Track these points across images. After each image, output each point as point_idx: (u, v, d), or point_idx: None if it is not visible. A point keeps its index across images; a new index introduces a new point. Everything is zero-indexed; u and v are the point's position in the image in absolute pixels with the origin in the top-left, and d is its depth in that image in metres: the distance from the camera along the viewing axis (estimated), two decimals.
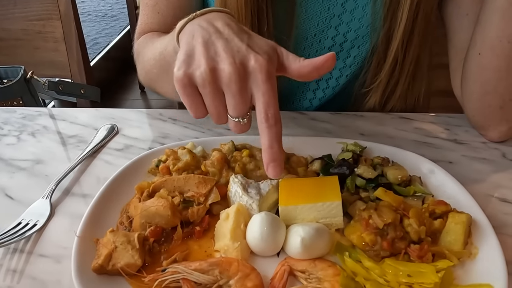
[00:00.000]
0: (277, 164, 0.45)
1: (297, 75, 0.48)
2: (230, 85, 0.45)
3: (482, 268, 0.48)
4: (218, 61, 0.45)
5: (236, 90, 0.45)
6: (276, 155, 0.45)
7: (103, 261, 0.48)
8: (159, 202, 0.53)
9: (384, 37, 0.74)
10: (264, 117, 0.45)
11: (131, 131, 0.78)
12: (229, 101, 0.46)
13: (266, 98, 0.44)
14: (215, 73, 0.45)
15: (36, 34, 1.37)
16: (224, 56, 0.45)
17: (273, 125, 0.45)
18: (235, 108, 0.46)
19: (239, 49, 0.46)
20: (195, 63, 0.46)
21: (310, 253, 0.50)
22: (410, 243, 0.50)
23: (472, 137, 0.77)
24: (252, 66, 0.45)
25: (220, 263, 0.48)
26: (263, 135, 0.45)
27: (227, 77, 0.44)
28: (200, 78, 0.45)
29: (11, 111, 0.85)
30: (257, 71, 0.44)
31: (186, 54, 0.47)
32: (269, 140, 0.45)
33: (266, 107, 0.44)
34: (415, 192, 0.58)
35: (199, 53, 0.46)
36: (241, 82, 0.45)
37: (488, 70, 0.68)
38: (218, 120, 0.48)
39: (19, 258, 0.53)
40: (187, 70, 0.46)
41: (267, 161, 0.45)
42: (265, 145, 0.45)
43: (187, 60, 0.46)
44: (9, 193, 0.64)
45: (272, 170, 0.45)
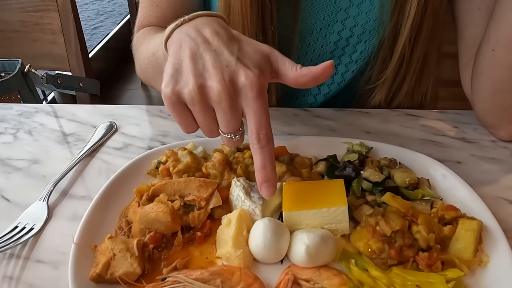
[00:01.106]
0: (271, 184, 0.45)
1: (294, 83, 0.47)
2: (220, 103, 0.43)
3: (493, 277, 0.47)
4: (207, 78, 0.43)
5: (226, 108, 0.43)
6: (270, 175, 0.44)
7: (101, 270, 0.46)
8: (159, 208, 0.51)
9: (391, 32, 0.72)
10: (256, 138, 0.43)
11: (130, 129, 0.76)
12: (220, 118, 0.45)
13: (257, 118, 0.43)
14: (203, 91, 0.43)
15: (34, 26, 1.34)
16: (213, 73, 0.43)
17: (266, 145, 0.44)
18: (226, 125, 0.45)
19: (229, 63, 0.44)
20: (183, 80, 0.44)
21: (315, 261, 0.48)
22: (419, 251, 0.48)
23: (481, 136, 0.75)
24: (242, 83, 0.43)
25: (222, 272, 0.47)
26: (255, 156, 0.44)
27: (217, 95, 0.43)
28: (188, 96, 0.43)
29: (8, 107, 0.83)
30: (248, 88, 0.43)
31: (173, 68, 0.45)
32: (262, 160, 0.44)
33: (258, 127, 0.43)
34: (423, 195, 0.56)
35: (187, 69, 0.44)
36: (231, 100, 0.43)
37: (501, 68, 0.65)
38: (210, 134, 0.47)
39: (16, 264, 0.52)
40: (174, 88, 0.44)
41: (260, 182, 0.45)
42: (258, 166, 0.44)
43: (175, 75, 0.45)
44: (5, 195, 0.62)
45: (266, 190, 0.45)
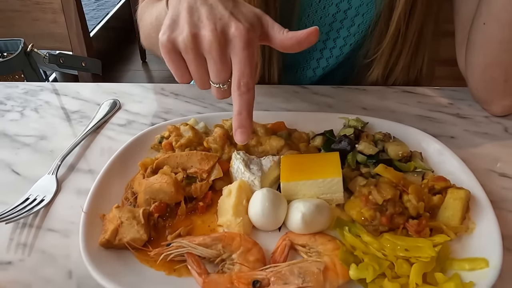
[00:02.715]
0: (245, 131, 0.47)
1: (280, 47, 0.49)
2: (211, 51, 0.46)
3: (479, 243, 0.49)
4: (200, 28, 0.46)
5: (216, 56, 0.46)
6: (244, 122, 0.47)
7: (110, 236, 0.49)
8: (163, 179, 0.54)
9: (387, 6, 0.73)
10: (237, 85, 0.46)
11: (133, 106, 0.78)
12: (211, 67, 0.47)
13: (241, 67, 0.46)
14: (196, 39, 0.46)
15: (34, 5, 1.34)
16: (206, 23, 0.46)
17: (245, 92, 0.46)
18: (216, 74, 0.47)
19: (222, 16, 0.46)
20: (179, 29, 0.47)
21: (311, 228, 0.51)
22: (409, 218, 0.51)
23: (475, 111, 0.76)
24: (232, 33, 0.45)
25: (223, 238, 0.50)
26: (234, 102, 0.47)
27: (208, 44, 0.45)
28: (182, 43, 0.46)
29: (13, 86, 0.85)
30: (237, 39, 0.45)
31: (171, 19, 0.48)
32: (239, 107, 0.47)
33: (240, 75, 0.46)
34: (415, 167, 0.58)
35: (183, 19, 0.47)
36: (221, 50, 0.46)
37: (493, 41, 0.67)
38: (201, 85, 0.50)
39: (29, 232, 0.55)
40: (170, 35, 0.47)
41: (235, 127, 0.47)
42: (235, 111, 0.47)
43: (172, 25, 0.47)
44: (15, 169, 0.65)
45: (240, 135, 0.47)
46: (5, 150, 0.68)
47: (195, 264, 0.47)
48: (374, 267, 0.45)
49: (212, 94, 0.51)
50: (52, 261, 0.51)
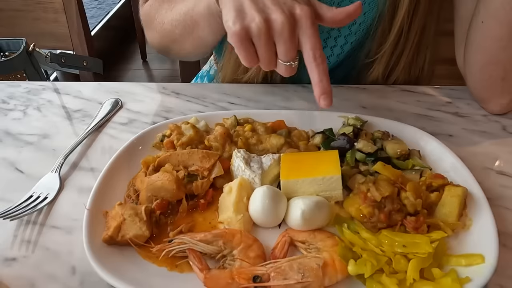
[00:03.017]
0: (327, 96, 0.50)
1: (331, 22, 0.53)
2: (283, 33, 0.49)
3: (475, 239, 0.50)
4: (269, 13, 0.50)
5: (287, 37, 0.50)
6: (326, 88, 0.50)
7: (113, 233, 0.50)
8: (165, 177, 0.55)
9: (391, 5, 0.73)
10: (313, 57, 0.50)
11: (135, 105, 0.79)
12: (281, 48, 0.51)
13: (313, 41, 0.50)
14: (268, 24, 0.49)
15: (36, 5, 1.35)
16: (274, 8, 0.50)
17: (321, 63, 0.50)
18: (286, 53, 0.51)
19: (285, 1, 0.51)
20: (248, 17, 0.50)
21: (310, 225, 0.52)
22: (407, 215, 0.51)
23: (473, 110, 0.77)
24: (298, 14, 0.50)
25: (224, 234, 0.50)
26: (312, 73, 0.50)
27: (280, 26, 0.49)
28: (256, 29, 0.49)
29: (16, 85, 0.86)
30: (303, 18, 0.50)
31: (235, 10, 0.51)
32: (319, 76, 0.50)
33: (313, 48, 0.50)
34: (413, 165, 0.59)
35: (249, 7, 0.50)
36: (292, 30, 0.50)
37: (490, 39, 0.67)
38: (268, 66, 0.53)
39: (32, 229, 0.56)
40: (243, 24, 0.50)
41: (318, 94, 0.50)
42: (315, 80, 0.50)
43: (240, 15, 0.51)
44: (18, 167, 0.66)
45: (324, 101, 0.50)
46: (9, 149, 0.69)
47: (197, 260, 0.48)
48: (372, 263, 0.46)
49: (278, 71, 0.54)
50: (55, 257, 0.52)
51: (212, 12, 0.63)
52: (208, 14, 0.64)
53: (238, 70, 0.78)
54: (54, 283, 0.49)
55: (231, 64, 0.78)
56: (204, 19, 0.66)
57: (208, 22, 0.66)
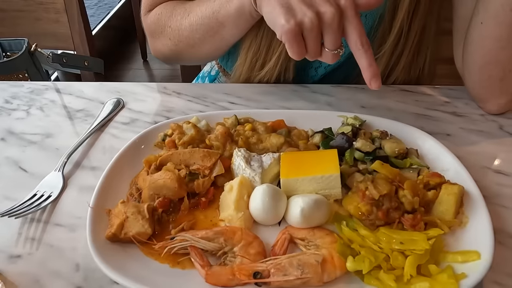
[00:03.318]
0: (378, 78, 0.54)
1: (366, 7, 0.56)
2: (332, 24, 0.53)
3: (471, 236, 0.51)
4: (318, 6, 0.53)
5: (336, 27, 0.53)
6: (375, 71, 0.53)
7: (116, 230, 0.51)
8: (166, 175, 0.56)
9: (391, 7, 0.74)
10: (360, 44, 0.53)
11: (136, 104, 0.80)
12: (329, 38, 0.54)
13: (358, 29, 0.53)
14: (319, 16, 0.53)
15: (37, 5, 1.36)
16: (321, 2, 0.53)
17: (368, 49, 0.53)
18: (334, 42, 0.55)
19: None
20: (299, 13, 0.53)
21: (309, 222, 0.53)
22: (404, 213, 0.52)
23: (471, 110, 0.78)
24: (343, 5, 0.53)
25: (225, 231, 0.51)
26: (361, 59, 0.54)
27: (330, 18, 0.53)
28: (309, 23, 0.53)
29: (19, 85, 0.87)
30: (348, 8, 0.53)
31: (283, 8, 0.54)
32: (368, 60, 0.53)
33: (360, 36, 0.53)
34: (411, 164, 0.60)
35: (297, 4, 0.53)
36: (340, 20, 0.53)
37: (489, 39, 0.68)
38: (314, 56, 0.56)
39: (37, 227, 0.57)
40: (296, 20, 0.53)
41: (369, 77, 0.54)
42: (365, 65, 0.54)
43: (289, 12, 0.53)
44: (22, 166, 0.67)
45: (375, 83, 0.54)
46: (13, 148, 0.70)
47: (198, 257, 0.49)
48: (370, 260, 0.47)
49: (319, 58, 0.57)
50: (59, 254, 0.53)
51: (244, 12, 0.65)
52: (238, 15, 0.66)
53: (254, 69, 0.80)
54: (58, 279, 0.50)
55: (247, 63, 0.79)
56: (232, 19, 0.68)
57: (236, 22, 0.68)
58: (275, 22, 0.55)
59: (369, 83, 0.54)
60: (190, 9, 0.74)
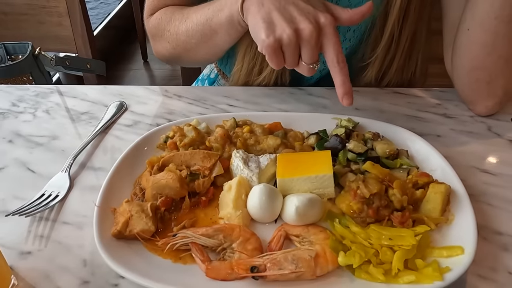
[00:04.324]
0: (350, 96, 0.57)
1: (348, 22, 0.59)
2: (310, 40, 0.55)
3: (456, 233, 0.54)
4: (297, 23, 0.55)
5: (313, 43, 0.56)
6: (348, 89, 0.56)
7: (121, 228, 0.54)
8: (169, 175, 0.58)
9: (382, 13, 0.77)
10: (336, 61, 0.56)
11: (139, 107, 0.83)
12: (307, 52, 0.56)
13: (336, 48, 0.56)
14: (298, 33, 0.55)
15: (41, 9, 1.38)
16: (301, 19, 0.55)
17: (343, 67, 0.56)
18: (311, 58, 0.57)
19: (308, 10, 0.56)
20: (279, 28, 0.55)
21: (304, 220, 0.55)
22: (393, 211, 0.55)
23: (461, 111, 0.81)
24: (323, 22, 0.56)
25: (224, 229, 0.54)
26: (336, 76, 0.57)
27: (308, 35, 0.55)
28: (287, 39, 0.55)
29: (25, 88, 0.89)
30: (327, 26, 0.56)
31: (264, 22, 0.56)
32: (342, 78, 0.56)
33: (337, 54, 0.56)
34: (401, 164, 0.63)
35: (278, 19, 0.56)
36: (317, 37, 0.56)
37: (476, 45, 0.71)
38: (292, 66, 0.60)
39: (45, 225, 0.60)
40: (275, 36, 0.55)
41: (341, 94, 0.57)
42: (339, 83, 0.57)
43: (270, 27, 0.56)
44: (30, 167, 0.70)
45: (346, 100, 0.57)
46: (20, 150, 0.73)
47: (199, 253, 0.52)
48: (360, 254, 0.50)
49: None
50: (67, 251, 0.56)
51: (233, 21, 0.67)
52: (229, 24, 0.68)
53: (252, 74, 0.82)
54: (66, 274, 0.53)
55: (244, 69, 0.82)
56: (223, 28, 0.70)
57: (227, 31, 0.70)
58: (257, 36, 0.57)
59: (341, 100, 0.57)
60: (187, 15, 0.76)
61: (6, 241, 0.57)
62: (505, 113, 0.80)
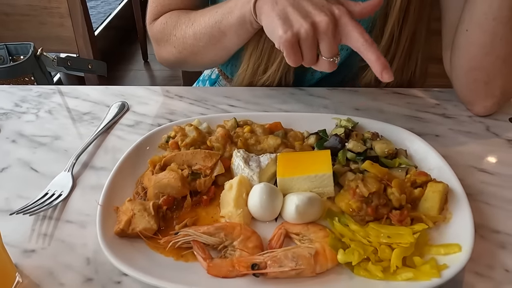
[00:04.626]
0: (389, 70, 0.56)
1: (359, 15, 0.59)
2: (327, 32, 0.56)
3: (454, 231, 0.55)
4: (313, 17, 0.56)
5: (331, 35, 0.56)
6: (385, 63, 0.56)
7: (124, 226, 0.55)
8: (170, 175, 0.59)
9: (382, 13, 0.78)
10: (364, 40, 0.56)
11: (140, 107, 0.84)
12: (326, 45, 0.57)
13: (358, 29, 0.56)
14: (315, 26, 0.56)
15: (42, 10, 1.40)
16: (316, 12, 0.56)
17: (372, 43, 0.56)
18: (330, 51, 0.58)
19: (322, 4, 0.57)
20: (296, 24, 0.56)
21: (304, 218, 0.56)
22: (392, 209, 0.56)
23: (459, 111, 0.82)
24: (338, 13, 0.56)
25: (225, 227, 0.55)
26: (368, 53, 0.56)
27: (325, 27, 0.56)
28: (305, 33, 0.56)
29: (27, 89, 0.90)
30: (343, 16, 0.56)
31: (280, 18, 0.57)
32: (375, 54, 0.56)
33: (362, 34, 0.56)
34: (400, 164, 0.64)
35: (294, 15, 0.56)
36: (335, 29, 0.56)
37: (474, 46, 0.72)
38: (310, 63, 0.59)
39: (48, 224, 0.60)
40: (293, 31, 0.56)
41: (380, 70, 0.56)
42: (373, 59, 0.56)
43: (287, 22, 0.57)
44: (33, 166, 0.70)
45: (386, 75, 0.56)
46: (24, 150, 0.74)
47: (201, 250, 0.53)
48: (359, 252, 0.50)
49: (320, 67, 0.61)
50: (71, 249, 0.57)
51: (245, 22, 0.68)
52: (239, 25, 0.69)
53: (257, 74, 0.83)
54: (70, 271, 0.54)
55: (250, 69, 0.83)
56: (233, 29, 0.71)
57: (237, 32, 0.71)
58: (274, 33, 0.58)
59: (380, 76, 0.55)
60: (194, 19, 0.77)
61: (11, 239, 0.57)
62: (504, 113, 0.80)
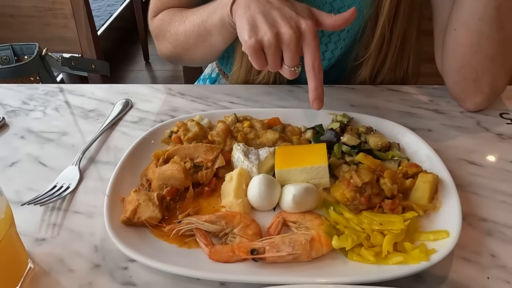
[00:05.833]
0: (320, 101, 0.61)
1: (331, 27, 0.63)
2: (290, 44, 0.58)
3: (443, 219, 0.57)
4: (279, 27, 0.58)
5: (293, 47, 0.59)
6: (319, 94, 0.60)
7: (130, 215, 0.58)
8: (174, 167, 0.62)
9: (373, 13, 0.81)
10: (312, 67, 0.59)
11: (144, 105, 0.87)
12: (288, 56, 0.59)
13: (313, 53, 0.59)
14: (278, 37, 0.58)
15: (47, 11, 1.42)
16: (282, 23, 0.58)
17: (318, 72, 0.60)
18: (291, 60, 0.60)
19: (291, 15, 0.59)
20: (261, 31, 0.59)
21: (301, 208, 0.59)
22: (384, 199, 0.59)
23: (451, 107, 0.84)
24: (303, 28, 0.58)
25: (226, 215, 0.58)
26: (310, 80, 0.60)
27: (288, 39, 0.58)
28: (267, 42, 0.58)
29: (34, 88, 0.93)
30: (307, 32, 0.58)
31: (249, 24, 0.59)
32: (315, 83, 0.60)
33: (314, 59, 0.59)
34: (393, 156, 0.67)
35: (261, 22, 0.59)
36: (297, 42, 0.58)
37: (462, 45, 0.75)
38: (274, 69, 0.62)
39: (57, 214, 0.63)
40: (257, 38, 0.59)
41: (313, 98, 0.60)
42: (312, 87, 0.60)
43: (253, 29, 0.59)
44: (42, 161, 0.73)
45: (317, 105, 0.61)
46: (32, 145, 0.77)
47: (203, 237, 0.56)
48: (353, 238, 0.53)
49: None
50: (79, 238, 0.60)
51: (225, 23, 0.70)
52: (221, 25, 0.71)
53: (251, 73, 0.86)
54: (79, 258, 0.57)
55: (243, 68, 0.86)
56: (217, 29, 0.74)
57: (220, 32, 0.74)
58: (241, 37, 0.61)
59: (312, 103, 0.61)
60: (186, 17, 0.80)
61: (22, 229, 0.60)
62: (494, 109, 0.83)
